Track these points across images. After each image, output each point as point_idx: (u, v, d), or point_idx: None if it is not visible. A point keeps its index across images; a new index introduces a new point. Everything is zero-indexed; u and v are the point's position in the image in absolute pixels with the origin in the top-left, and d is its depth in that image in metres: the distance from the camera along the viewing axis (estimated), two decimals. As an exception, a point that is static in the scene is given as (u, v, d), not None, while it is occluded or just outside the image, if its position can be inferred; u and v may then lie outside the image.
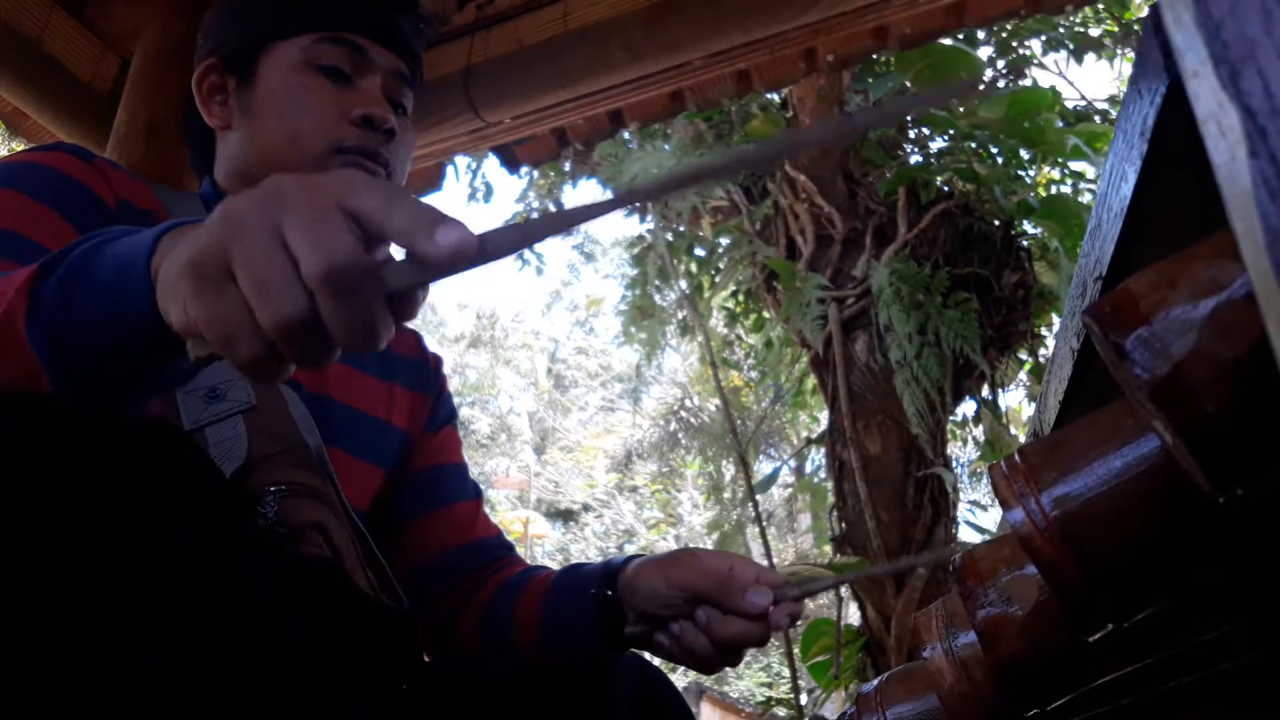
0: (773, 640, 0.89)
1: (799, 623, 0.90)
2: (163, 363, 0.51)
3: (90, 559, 0.43)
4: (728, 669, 0.85)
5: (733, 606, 0.78)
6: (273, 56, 0.90)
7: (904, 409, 3.57)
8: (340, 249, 0.40)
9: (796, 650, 3.82)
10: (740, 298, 5.25)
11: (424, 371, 1.03)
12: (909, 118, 4.27)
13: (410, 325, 0.84)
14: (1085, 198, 4.01)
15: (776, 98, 4.24)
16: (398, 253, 0.43)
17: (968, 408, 4.06)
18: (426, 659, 0.89)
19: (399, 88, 0.94)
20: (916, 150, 4.34)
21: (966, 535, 3.93)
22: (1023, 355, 4.12)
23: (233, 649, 0.47)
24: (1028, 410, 5.21)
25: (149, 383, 0.52)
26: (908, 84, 4.05)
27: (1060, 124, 4.16)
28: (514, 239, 0.42)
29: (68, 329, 0.48)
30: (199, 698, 0.44)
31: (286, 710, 0.49)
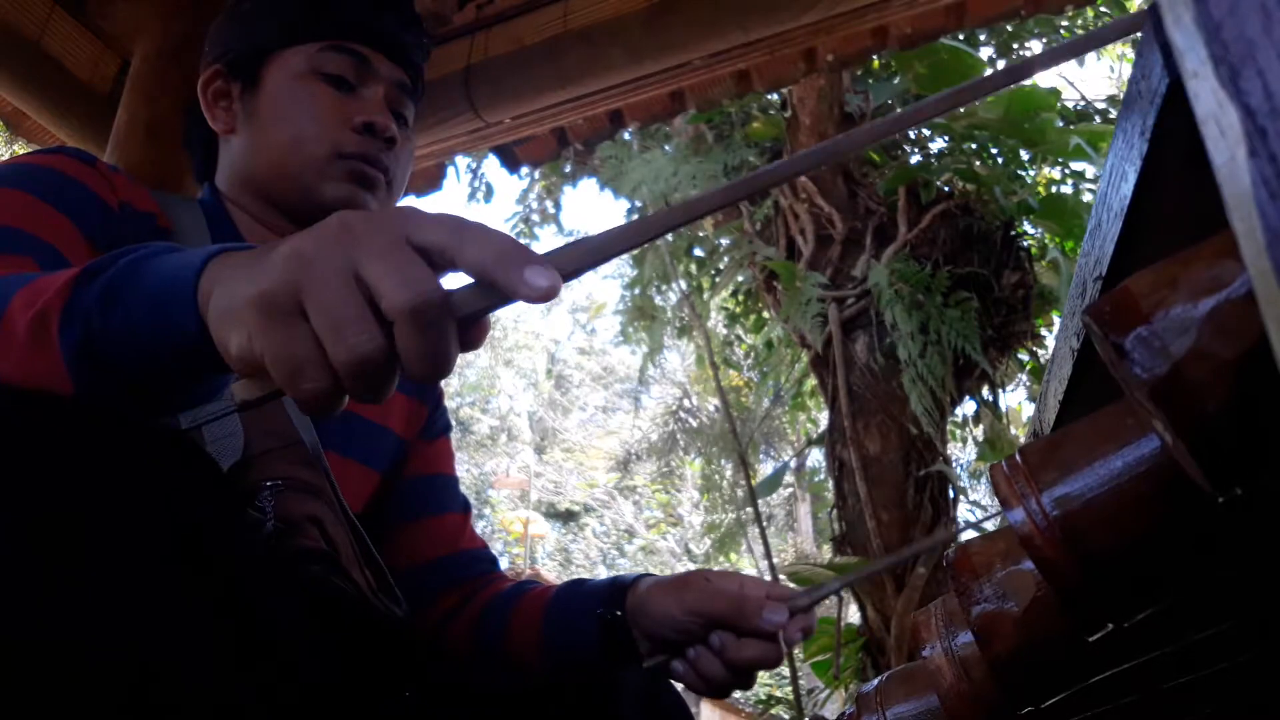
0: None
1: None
2: (193, 382, 0.51)
3: (84, 554, 0.43)
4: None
5: (748, 628, 0.78)
6: (278, 64, 0.92)
7: (905, 409, 3.57)
8: (423, 284, 0.41)
9: (797, 650, 3.82)
10: (740, 298, 5.25)
11: None
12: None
13: None
14: (1085, 198, 4.01)
15: (776, 98, 4.24)
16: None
17: (968, 408, 4.06)
18: (427, 660, 0.89)
19: (400, 99, 0.96)
20: (916, 150, 4.34)
21: (966, 536, 3.93)
22: (1023, 355, 4.12)
23: (229, 643, 0.47)
24: (1028, 410, 5.21)
25: (174, 400, 0.52)
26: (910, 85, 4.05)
27: (1060, 124, 4.16)
28: (583, 258, 0.43)
29: (103, 338, 0.48)
30: (196, 694, 0.44)
31: (284, 706, 0.49)
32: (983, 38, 4.49)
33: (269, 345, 0.42)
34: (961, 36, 4.02)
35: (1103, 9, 4.52)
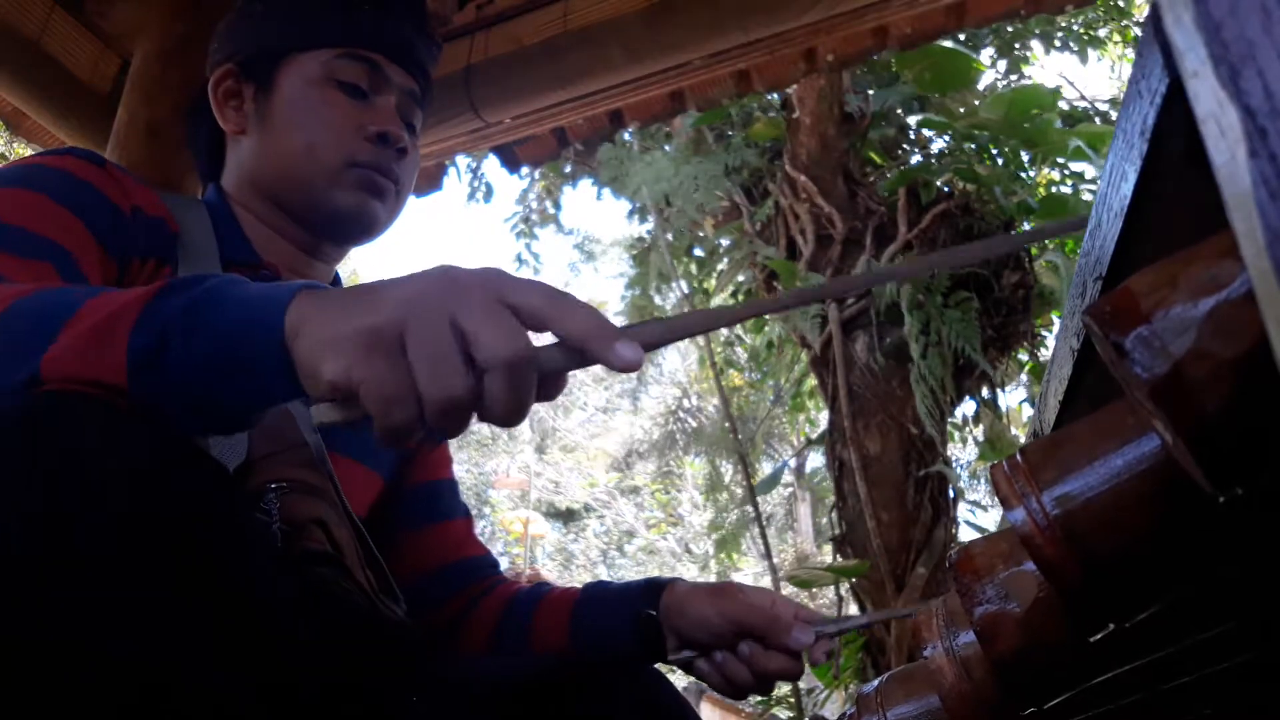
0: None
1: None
2: (256, 411, 0.53)
3: (96, 556, 0.43)
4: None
5: (777, 643, 0.83)
6: (293, 67, 0.92)
7: (905, 409, 3.57)
8: (520, 341, 0.46)
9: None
10: (740, 298, 5.24)
11: None
12: (910, 119, 4.27)
13: None
14: (1085, 197, 4.01)
15: (776, 98, 4.24)
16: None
17: (968, 408, 4.06)
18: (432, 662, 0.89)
19: (411, 107, 0.97)
20: (917, 150, 4.34)
21: (967, 536, 3.93)
22: (1023, 355, 4.12)
23: (241, 646, 0.47)
24: (1028, 410, 5.21)
25: (228, 423, 0.54)
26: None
27: (1060, 124, 4.16)
28: (661, 335, 0.48)
29: (179, 354, 0.49)
30: (209, 698, 0.44)
31: (286, 704, 0.49)
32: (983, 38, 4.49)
33: (369, 375, 0.45)
34: (962, 36, 4.02)
35: (1102, 10, 4.53)
